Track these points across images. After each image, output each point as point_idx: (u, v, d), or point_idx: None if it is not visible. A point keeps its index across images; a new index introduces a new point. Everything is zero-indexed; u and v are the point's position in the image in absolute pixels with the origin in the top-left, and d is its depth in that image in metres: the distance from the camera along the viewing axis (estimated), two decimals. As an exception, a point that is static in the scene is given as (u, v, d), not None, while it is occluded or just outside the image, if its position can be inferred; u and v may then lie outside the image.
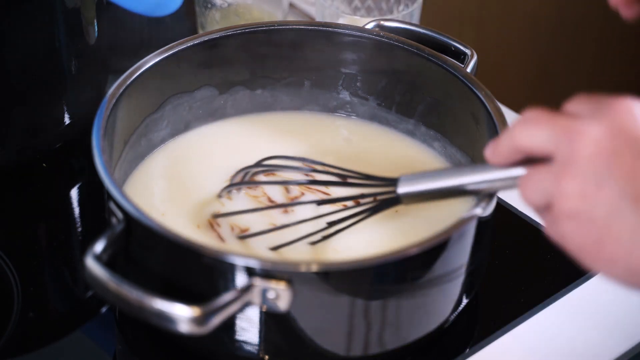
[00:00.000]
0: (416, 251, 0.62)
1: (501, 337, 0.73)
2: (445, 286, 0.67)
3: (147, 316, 0.59)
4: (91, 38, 0.89)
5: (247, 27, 0.79)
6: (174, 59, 0.76)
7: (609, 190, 0.52)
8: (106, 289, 0.60)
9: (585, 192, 0.53)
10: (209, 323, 0.59)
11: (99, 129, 0.68)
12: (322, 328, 0.64)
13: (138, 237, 0.64)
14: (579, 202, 0.53)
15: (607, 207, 0.52)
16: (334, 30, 0.80)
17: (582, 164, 0.53)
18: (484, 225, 0.67)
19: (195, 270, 0.63)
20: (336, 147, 0.81)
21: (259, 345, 0.65)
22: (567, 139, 0.53)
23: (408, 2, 0.95)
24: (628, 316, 0.74)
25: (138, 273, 0.66)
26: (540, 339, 0.73)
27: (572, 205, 0.53)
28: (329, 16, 0.93)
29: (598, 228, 0.53)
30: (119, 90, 0.72)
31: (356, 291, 0.63)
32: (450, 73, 0.76)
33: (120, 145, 0.74)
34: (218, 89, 0.81)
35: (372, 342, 0.66)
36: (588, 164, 0.52)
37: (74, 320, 0.74)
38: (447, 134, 0.80)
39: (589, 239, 0.53)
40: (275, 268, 0.60)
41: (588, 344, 0.72)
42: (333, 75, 0.82)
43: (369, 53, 0.80)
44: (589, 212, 0.53)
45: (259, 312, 0.63)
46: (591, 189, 0.52)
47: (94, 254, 0.61)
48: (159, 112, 0.78)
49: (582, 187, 0.53)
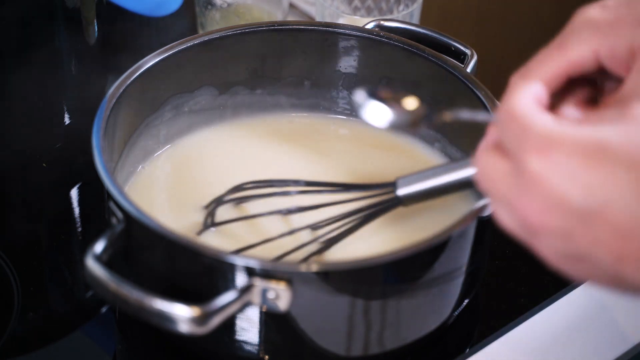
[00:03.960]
0: (416, 251, 0.62)
1: (501, 337, 0.73)
2: (445, 286, 0.67)
3: (147, 316, 0.59)
4: (91, 38, 0.89)
5: (247, 27, 0.79)
6: (174, 59, 0.76)
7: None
8: (106, 289, 0.60)
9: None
10: (209, 323, 0.59)
11: (99, 129, 0.68)
12: (322, 328, 0.64)
13: (138, 237, 0.64)
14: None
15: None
16: (334, 30, 0.80)
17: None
18: (484, 225, 0.67)
19: (195, 270, 0.63)
20: (336, 147, 0.81)
21: (259, 345, 0.65)
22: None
23: (408, 2, 0.95)
24: (628, 316, 0.74)
25: (138, 273, 0.66)
26: (540, 339, 0.73)
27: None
28: (329, 16, 0.93)
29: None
30: (119, 90, 0.72)
31: (356, 291, 0.63)
32: (450, 73, 0.76)
33: (121, 145, 0.74)
34: (218, 89, 0.81)
35: (372, 342, 0.66)
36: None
37: (74, 320, 0.74)
38: (447, 134, 0.80)
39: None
40: (275, 268, 0.60)
41: (588, 344, 0.72)
42: (333, 75, 0.82)
43: (369, 53, 0.80)
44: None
45: (259, 312, 0.63)
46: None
47: (94, 254, 0.61)
48: (159, 112, 0.78)
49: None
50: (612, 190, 0.47)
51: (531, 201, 0.50)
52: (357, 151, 0.81)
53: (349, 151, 0.81)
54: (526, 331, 0.73)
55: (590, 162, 0.48)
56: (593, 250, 0.49)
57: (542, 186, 0.49)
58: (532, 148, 0.49)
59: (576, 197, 0.48)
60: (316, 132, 0.83)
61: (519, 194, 0.50)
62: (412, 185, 0.68)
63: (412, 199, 0.68)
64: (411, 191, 0.68)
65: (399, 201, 0.69)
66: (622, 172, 0.47)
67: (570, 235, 0.49)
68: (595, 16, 0.56)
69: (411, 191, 0.68)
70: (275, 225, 0.72)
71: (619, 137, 0.48)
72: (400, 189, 0.68)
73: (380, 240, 0.72)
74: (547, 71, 0.56)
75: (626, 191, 0.47)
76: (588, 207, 0.48)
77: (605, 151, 0.48)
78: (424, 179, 0.68)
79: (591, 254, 0.49)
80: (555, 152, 0.49)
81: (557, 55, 0.56)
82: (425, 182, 0.67)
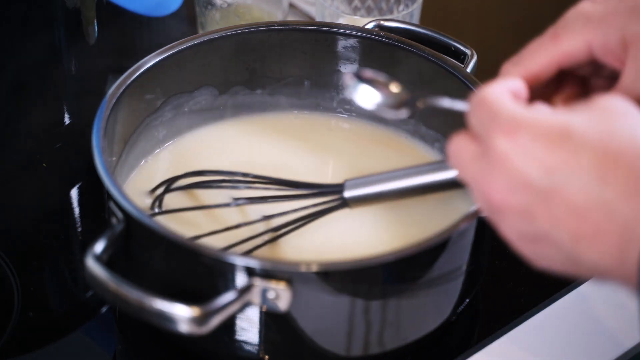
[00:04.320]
0: (416, 251, 0.62)
1: (501, 337, 0.72)
2: (445, 286, 0.67)
3: (147, 316, 0.59)
4: (91, 38, 0.89)
5: (247, 27, 0.79)
6: (174, 59, 0.76)
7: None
8: (106, 289, 0.60)
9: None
10: (209, 323, 0.59)
11: (99, 129, 0.68)
12: (322, 328, 0.64)
13: (138, 237, 0.64)
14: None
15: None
16: (334, 30, 0.80)
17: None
18: (484, 225, 0.67)
19: (195, 270, 0.63)
20: (336, 147, 0.81)
21: (259, 345, 0.65)
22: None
23: (408, 2, 0.95)
24: (628, 317, 0.74)
25: (138, 273, 0.66)
26: (540, 339, 0.73)
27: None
28: (329, 16, 0.93)
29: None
30: (119, 90, 0.72)
31: (356, 291, 0.63)
32: (450, 73, 0.76)
33: (120, 145, 0.74)
34: (218, 89, 0.81)
35: (372, 342, 0.66)
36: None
37: (74, 320, 0.74)
38: (447, 135, 0.79)
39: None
40: (275, 268, 0.60)
41: (588, 344, 0.72)
42: (333, 75, 0.82)
43: (369, 53, 0.80)
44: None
45: (259, 312, 0.63)
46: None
47: (94, 254, 0.61)
48: (159, 112, 0.78)
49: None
50: (571, 171, 0.50)
51: (495, 180, 0.52)
52: (357, 151, 0.81)
53: (348, 151, 0.81)
54: (526, 331, 0.73)
55: (552, 145, 0.50)
56: (552, 230, 0.51)
57: (506, 166, 0.51)
58: (499, 130, 0.52)
59: (537, 176, 0.50)
60: (316, 132, 0.83)
61: (484, 174, 0.53)
62: (359, 189, 0.70)
63: (358, 202, 0.70)
64: (357, 194, 0.70)
65: (345, 203, 0.70)
66: (581, 156, 0.50)
67: (531, 213, 0.51)
68: (588, 9, 0.58)
69: (357, 194, 0.70)
70: (227, 214, 0.73)
71: (582, 124, 0.51)
72: (347, 191, 0.70)
73: (379, 240, 0.72)
74: (538, 61, 0.59)
75: (584, 173, 0.50)
76: (548, 186, 0.50)
77: (569, 135, 0.50)
78: (371, 184, 0.70)
79: (550, 233, 0.51)
80: (521, 134, 0.51)
81: (550, 45, 0.58)
82: (372, 187, 0.70)
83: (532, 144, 0.51)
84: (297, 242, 0.71)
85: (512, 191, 0.51)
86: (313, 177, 0.75)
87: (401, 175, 0.69)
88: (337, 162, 0.79)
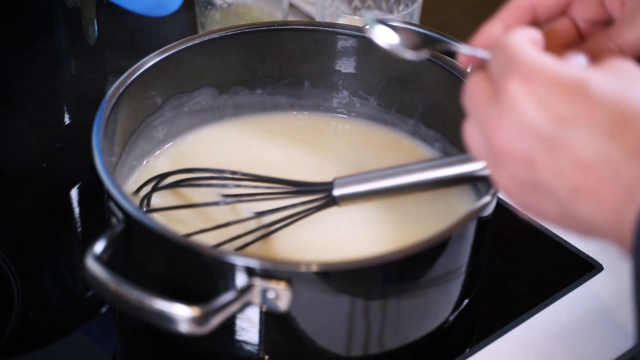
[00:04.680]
0: (416, 251, 0.62)
1: (501, 337, 0.72)
2: (445, 286, 0.67)
3: (147, 316, 0.59)
4: (91, 38, 0.89)
5: (247, 27, 0.79)
6: (174, 59, 0.76)
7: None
8: (106, 289, 0.60)
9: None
10: (209, 323, 0.59)
11: (99, 129, 0.68)
12: (322, 328, 0.64)
13: (138, 237, 0.64)
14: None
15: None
16: (334, 30, 0.80)
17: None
18: (484, 225, 0.67)
19: (195, 270, 0.63)
20: (336, 147, 0.81)
21: (259, 345, 0.65)
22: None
23: (408, 2, 0.95)
24: (628, 317, 0.74)
25: (138, 273, 0.66)
26: (540, 339, 0.73)
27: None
28: (329, 16, 0.93)
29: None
30: (119, 90, 0.72)
31: (356, 291, 0.63)
32: (450, 73, 0.76)
33: (120, 145, 0.74)
34: (218, 89, 0.81)
35: (372, 342, 0.66)
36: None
37: (74, 320, 0.74)
38: (447, 134, 0.80)
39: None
40: (275, 268, 0.60)
41: (588, 344, 0.72)
42: (333, 75, 0.82)
43: (369, 53, 0.80)
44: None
45: (259, 312, 0.63)
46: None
47: (94, 254, 0.61)
48: (159, 112, 0.78)
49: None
50: (583, 125, 0.50)
51: (503, 124, 0.52)
52: (357, 151, 0.81)
53: (348, 151, 0.81)
54: (526, 331, 0.73)
55: (567, 97, 0.50)
56: (552, 181, 0.51)
57: (516, 111, 0.51)
58: (516, 74, 0.52)
59: (546, 125, 0.50)
60: (316, 132, 0.83)
61: (493, 115, 0.52)
62: (348, 187, 0.70)
63: (347, 200, 0.70)
64: (346, 192, 0.70)
65: (334, 201, 0.70)
66: (596, 112, 0.50)
67: (533, 162, 0.51)
68: None
69: (346, 192, 0.70)
70: (217, 212, 0.73)
71: (600, 81, 0.50)
72: (337, 189, 0.70)
73: (379, 240, 0.72)
74: (510, 12, 0.59)
75: (595, 129, 0.49)
76: (556, 137, 0.50)
77: (585, 90, 0.50)
78: (360, 182, 0.70)
79: (550, 184, 0.51)
80: (536, 81, 0.51)
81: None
82: (361, 185, 0.70)
83: (546, 93, 0.51)
84: (289, 239, 0.71)
85: (519, 137, 0.51)
86: (313, 177, 0.75)
87: (392, 173, 0.69)
88: (337, 162, 0.79)
